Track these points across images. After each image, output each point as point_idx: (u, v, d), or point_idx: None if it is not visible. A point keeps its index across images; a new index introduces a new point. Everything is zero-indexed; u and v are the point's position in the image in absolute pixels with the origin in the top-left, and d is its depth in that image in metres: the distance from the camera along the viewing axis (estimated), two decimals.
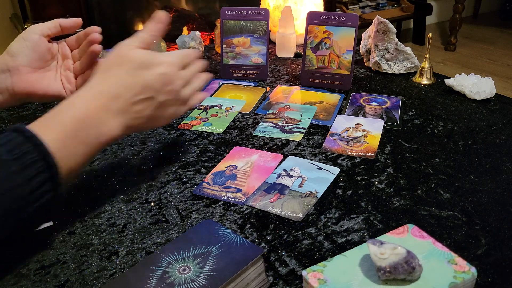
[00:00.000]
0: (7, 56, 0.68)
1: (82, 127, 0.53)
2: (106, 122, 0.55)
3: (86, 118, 0.54)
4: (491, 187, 0.64)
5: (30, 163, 0.48)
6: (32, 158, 0.48)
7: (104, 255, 0.54)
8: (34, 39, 0.68)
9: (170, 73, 0.59)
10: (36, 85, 0.69)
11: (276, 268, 0.52)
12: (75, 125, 0.53)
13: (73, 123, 0.53)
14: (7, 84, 0.67)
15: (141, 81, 0.57)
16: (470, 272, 0.44)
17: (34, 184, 0.48)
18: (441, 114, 0.85)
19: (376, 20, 1.01)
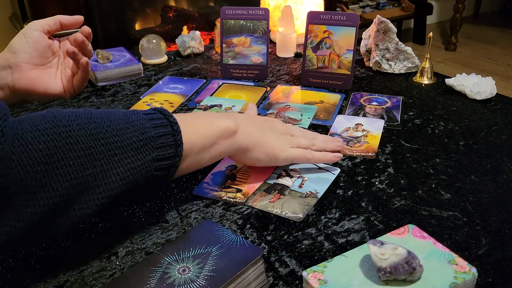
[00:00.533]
0: (8, 53, 0.68)
1: (201, 117, 0.61)
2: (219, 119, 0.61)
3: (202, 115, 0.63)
4: (492, 187, 0.64)
5: (161, 125, 0.53)
6: (162, 123, 0.54)
7: (104, 255, 0.54)
8: (34, 35, 0.68)
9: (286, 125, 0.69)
10: (36, 82, 0.69)
11: (276, 268, 0.52)
12: (195, 115, 0.62)
13: (193, 115, 0.61)
14: (8, 80, 0.67)
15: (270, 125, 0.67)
16: (470, 273, 0.44)
17: (159, 132, 0.53)
18: (441, 114, 0.85)
19: (377, 19, 1.01)
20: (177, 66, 1.11)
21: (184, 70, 1.09)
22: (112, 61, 1.05)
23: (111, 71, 1.02)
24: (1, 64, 0.68)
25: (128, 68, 1.03)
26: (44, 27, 0.69)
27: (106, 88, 1.00)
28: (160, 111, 0.56)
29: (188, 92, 0.97)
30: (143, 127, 0.52)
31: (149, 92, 0.97)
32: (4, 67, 0.68)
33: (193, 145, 0.56)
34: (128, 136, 0.50)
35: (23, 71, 0.68)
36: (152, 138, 0.52)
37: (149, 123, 0.53)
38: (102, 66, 1.02)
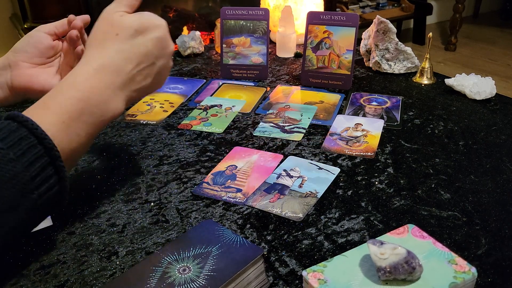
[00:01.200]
0: (10, 53, 0.69)
1: (86, 108, 0.51)
2: (110, 100, 0.53)
3: (90, 98, 0.51)
4: (491, 187, 0.64)
5: (27, 149, 0.45)
6: (28, 144, 0.45)
7: (104, 255, 0.54)
8: (38, 36, 0.69)
9: (164, 37, 0.58)
10: (33, 80, 0.69)
11: (276, 268, 0.52)
12: (78, 106, 0.50)
13: (76, 103, 0.50)
14: (6, 78, 0.68)
15: (141, 50, 0.55)
16: (470, 272, 0.44)
17: (34, 170, 0.45)
18: (441, 114, 0.85)
19: (376, 20, 1.01)
20: (177, 66, 1.11)
21: (184, 70, 1.09)
22: None
23: None
24: (2, 63, 0.68)
25: None
26: (50, 29, 0.69)
27: None
28: (29, 129, 0.46)
29: (188, 92, 0.97)
30: (14, 174, 0.44)
31: None
32: (4, 66, 0.68)
33: (74, 152, 0.50)
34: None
35: (21, 69, 0.68)
36: (28, 182, 0.44)
37: (20, 164, 0.44)
38: None
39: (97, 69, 0.52)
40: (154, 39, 0.56)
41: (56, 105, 0.50)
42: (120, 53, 0.54)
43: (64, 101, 0.50)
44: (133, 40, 0.55)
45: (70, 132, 0.49)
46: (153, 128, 0.82)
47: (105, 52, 0.54)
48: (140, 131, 0.81)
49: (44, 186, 0.46)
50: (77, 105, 0.50)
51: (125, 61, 0.54)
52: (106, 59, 0.53)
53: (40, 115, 0.48)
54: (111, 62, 0.53)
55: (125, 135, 0.80)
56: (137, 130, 0.82)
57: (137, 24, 0.55)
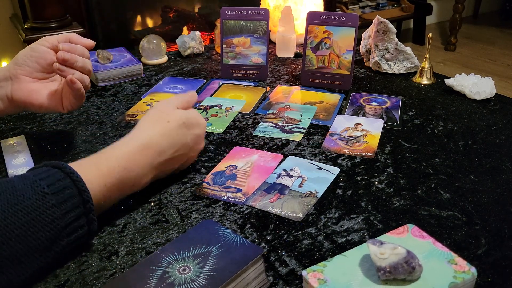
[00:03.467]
0: (12, 64, 0.69)
1: (126, 177, 0.57)
2: (146, 174, 0.59)
3: (132, 170, 0.57)
4: (491, 187, 0.64)
5: (68, 198, 0.50)
6: (70, 193, 0.50)
7: (104, 255, 0.54)
8: (41, 50, 0.69)
9: (202, 135, 0.67)
10: (32, 95, 0.69)
11: (276, 268, 0.52)
12: (122, 174, 0.56)
13: (121, 172, 0.56)
14: (7, 91, 0.68)
15: (182, 140, 0.63)
16: (470, 272, 0.44)
17: (69, 218, 0.49)
18: (441, 114, 0.85)
19: (376, 20, 1.01)
20: (177, 66, 1.11)
21: (184, 70, 1.09)
22: (112, 62, 1.05)
23: (111, 71, 1.02)
24: (4, 75, 0.68)
25: (129, 68, 1.03)
26: (53, 43, 0.69)
27: (106, 88, 1.00)
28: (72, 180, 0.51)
29: None
30: (52, 220, 0.48)
31: (150, 92, 0.97)
32: (6, 78, 0.68)
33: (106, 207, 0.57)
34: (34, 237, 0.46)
35: (22, 83, 0.69)
36: (62, 229, 0.49)
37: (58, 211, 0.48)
38: (102, 67, 1.02)
39: (145, 145, 0.59)
40: (194, 135, 0.65)
41: (105, 169, 0.55)
42: (166, 137, 0.61)
43: (114, 168, 0.56)
44: (178, 130, 0.63)
45: (107, 195, 0.55)
46: None
47: (155, 132, 0.61)
48: None
49: (74, 234, 0.50)
50: (121, 173, 0.56)
51: (168, 145, 0.61)
52: (154, 138, 0.60)
53: (91, 173, 0.54)
54: (157, 142, 0.60)
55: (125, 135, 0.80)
56: None
57: (186, 118, 0.64)
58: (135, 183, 0.58)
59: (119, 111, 0.89)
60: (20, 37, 1.83)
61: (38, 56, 0.69)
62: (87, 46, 0.70)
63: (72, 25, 1.82)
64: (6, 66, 0.70)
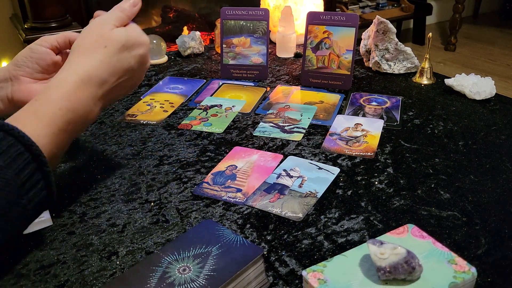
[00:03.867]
0: (11, 65, 0.69)
1: (73, 118, 0.54)
2: (92, 110, 0.57)
3: (77, 109, 0.54)
4: (491, 187, 0.64)
5: (16, 156, 0.47)
6: (16, 151, 0.47)
7: (104, 255, 0.54)
8: (40, 51, 0.68)
9: (146, 54, 0.62)
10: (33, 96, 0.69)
11: (276, 268, 0.52)
12: (67, 117, 0.53)
13: (65, 114, 0.53)
14: (7, 92, 0.68)
15: (124, 65, 0.59)
16: (470, 272, 0.44)
17: (24, 176, 0.47)
18: (441, 114, 0.85)
19: (376, 20, 1.01)
20: (177, 66, 1.11)
21: (184, 70, 1.09)
22: None
23: None
24: (3, 76, 0.68)
25: None
26: (53, 43, 0.69)
27: None
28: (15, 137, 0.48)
29: (188, 92, 0.97)
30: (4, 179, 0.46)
31: (150, 92, 0.97)
32: (5, 79, 0.68)
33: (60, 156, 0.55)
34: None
35: (22, 83, 0.69)
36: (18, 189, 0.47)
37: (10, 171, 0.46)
38: None
39: (84, 80, 0.55)
40: (137, 56, 0.61)
41: (47, 116, 0.52)
42: (106, 66, 0.57)
43: (55, 112, 0.53)
44: (119, 55, 0.59)
45: (58, 141, 0.52)
46: (153, 128, 0.82)
47: (92, 62, 0.57)
48: (140, 131, 0.81)
49: (33, 191, 0.48)
50: (66, 116, 0.53)
51: (109, 74, 0.58)
52: (92, 69, 0.56)
53: (32, 125, 0.51)
54: (96, 73, 0.56)
55: (125, 135, 0.80)
56: (137, 130, 0.82)
57: (125, 40, 0.59)
58: (83, 121, 0.56)
59: (119, 111, 0.89)
60: (20, 37, 1.83)
61: (38, 57, 0.69)
62: None
63: (72, 25, 1.82)
64: (5, 67, 0.70)
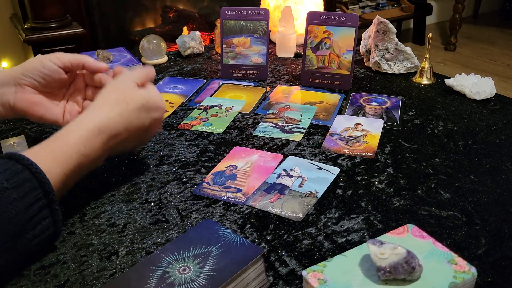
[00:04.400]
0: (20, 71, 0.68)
1: (83, 163, 0.57)
2: (101, 157, 0.60)
3: (89, 156, 0.58)
4: (491, 187, 0.64)
5: (29, 191, 0.49)
6: (30, 186, 0.49)
7: (104, 255, 0.54)
8: (51, 69, 0.68)
9: (161, 118, 0.66)
10: (34, 107, 0.69)
11: (276, 268, 0.52)
12: (79, 161, 0.56)
13: (78, 158, 0.56)
14: (9, 98, 0.68)
15: (139, 124, 0.63)
16: (470, 272, 0.44)
17: (32, 211, 0.49)
18: (441, 114, 0.85)
19: (376, 20, 1.01)
20: (177, 67, 1.11)
21: (184, 70, 1.09)
22: (112, 62, 1.05)
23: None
24: (8, 80, 0.68)
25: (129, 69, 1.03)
26: (66, 63, 0.69)
27: None
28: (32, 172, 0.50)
29: (188, 92, 0.97)
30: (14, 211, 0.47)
31: None
32: (10, 83, 0.68)
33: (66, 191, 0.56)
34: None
35: (25, 93, 0.69)
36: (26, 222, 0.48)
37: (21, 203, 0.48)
38: None
39: (100, 129, 0.59)
40: (153, 119, 0.64)
41: (63, 158, 0.55)
42: (123, 120, 0.61)
43: (71, 155, 0.55)
44: (137, 113, 0.62)
45: (66, 181, 0.55)
46: None
47: (111, 114, 0.60)
48: None
49: (39, 227, 0.49)
50: (79, 160, 0.56)
51: (124, 128, 0.61)
52: (110, 121, 0.60)
53: (47, 163, 0.53)
54: (113, 125, 0.60)
55: None
56: None
57: (146, 100, 0.63)
58: (90, 166, 0.59)
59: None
60: (20, 37, 1.83)
61: (47, 74, 0.68)
62: (102, 70, 0.71)
63: (72, 25, 1.82)
64: (13, 70, 0.69)
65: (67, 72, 0.70)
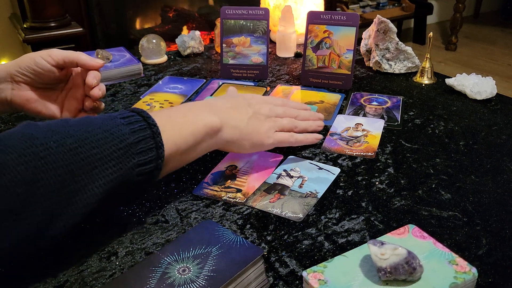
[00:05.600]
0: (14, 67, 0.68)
1: (186, 109, 0.61)
2: (205, 113, 0.61)
3: (190, 107, 0.62)
4: (492, 187, 0.64)
5: (134, 121, 0.53)
6: (136, 119, 0.54)
7: (103, 256, 0.54)
8: (45, 68, 0.68)
9: (267, 98, 0.71)
10: (31, 104, 0.69)
11: (276, 268, 0.52)
12: (180, 108, 0.61)
13: (180, 108, 0.61)
14: (6, 95, 0.68)
15: (237, 99, 0.67)
16: (471, 273, 0.44)
17: (137, 137, 0.52)
18: (442, 114, 0.85)
19: (377, 19, 1.01)
20: (177, 66, 1.11)
21: (184, 70, 1.09)
22: (112, 61, 1.05)
23: (111, 71, 1.01)
24: (4, 77, 0.68)
25: (128, 68, 1.03)
26: (59, 61, 0.69)
27: (106, 88, 0.99)
28: (138, 113, 0.55)
29: (188, 92, 0.97)
30: (121, 134, 0.51)
31: (149, 92, 0.97)
32: (6, 80, 0.68)
33: (176, 145, 0.56)
34: (107, 146, 0.50)
35: (22, 90, 0.69)
36: (131, 145, 0.51)
37: (127, 129, 0.52)
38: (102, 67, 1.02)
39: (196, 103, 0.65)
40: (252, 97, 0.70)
41: (166, 109, 0.62)
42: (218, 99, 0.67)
43: (171, 108, 0.62)
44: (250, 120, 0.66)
45: (173, 123, 0.57)
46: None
47: None
48: None
49: (143, 156, 0.52)
50: (181, 109, 0.61)
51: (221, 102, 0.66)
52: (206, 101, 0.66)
53: (153, 111, 0.57)
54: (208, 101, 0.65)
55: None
56: None
57: None
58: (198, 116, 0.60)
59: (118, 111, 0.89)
60: (19, 36, 1.83)
61: (41, 72, 0.68)
62: (96, 67, 0.71)
63: (71, 25, 1.82)
64: (8, 66, 0.69)
65: (62, 69, 0.70)
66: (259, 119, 0.66)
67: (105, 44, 2.02)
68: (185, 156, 0.59)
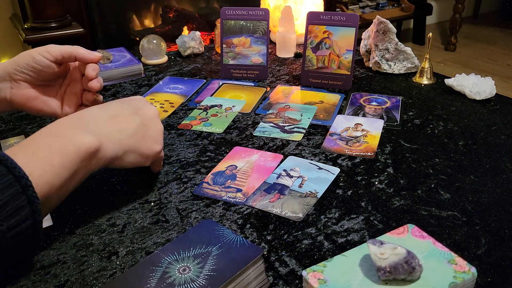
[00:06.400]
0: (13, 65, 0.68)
1: (52, 140, 0.51)
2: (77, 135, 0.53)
3: (54, 131, 0.52)
4: (491, 187, 0.64)
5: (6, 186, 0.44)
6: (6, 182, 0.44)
7: (104, 255, 0.54)
8: (43, 64, 0.68)
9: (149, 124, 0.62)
10: (31, 102, 0.70)
11: (276, 268, 0.52)
12: (46, 139, 0.51)
13: (45, 137, 0.51)
14: (6, 94, 0.68)
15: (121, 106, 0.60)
16: (470, 272, 0.44)
17: (4, 198, 0.44)
18: (441, 114, 0.85)
19: (376, 20, 1.01)
20: (177, 66, 1.11)
21: (184, 70, 1.09)
22: (112, 61, 1.05)
23: (111, 71, 1.02)
24: (3, 76, 0.68)
25: (129, 68, 1.03)
26: (57, 57, 0.68)
27: (106, 88, 1.00)
28: (1, 161, 0.45)
29: (188, 92, 0.97)
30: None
31: (150, 92, 0.97)
32: (6, 79, 0.68)
33: (49, 185, 0.48)
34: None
35: (21, 88, 0.69)
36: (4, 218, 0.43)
37: None
38: (102, 66, 1.02)
39: (71, 116, 0.56)
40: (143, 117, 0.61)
41: (27, 142, 0.50)
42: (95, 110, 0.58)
43: (34, 137, 0.51)
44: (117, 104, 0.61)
45: (40, 160, 0.48)
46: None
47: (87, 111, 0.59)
48: None
49: (15, 217, 0.44)
50: (46, 139, 0.51)
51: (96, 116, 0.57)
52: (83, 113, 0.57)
53: (14, 151, 0.49)
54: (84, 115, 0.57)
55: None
56: None
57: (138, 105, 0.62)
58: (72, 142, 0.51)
59: None
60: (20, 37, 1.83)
61: (40, 69, 0.68)
62: (94, 60, 0.70)
63: (72, 25, 1.82)
64: (6, 65, 0.69)
65: (60, 64, 0.70)
66: (145, 124, 0.60)
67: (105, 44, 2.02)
68: (64, 190, 0.51)
